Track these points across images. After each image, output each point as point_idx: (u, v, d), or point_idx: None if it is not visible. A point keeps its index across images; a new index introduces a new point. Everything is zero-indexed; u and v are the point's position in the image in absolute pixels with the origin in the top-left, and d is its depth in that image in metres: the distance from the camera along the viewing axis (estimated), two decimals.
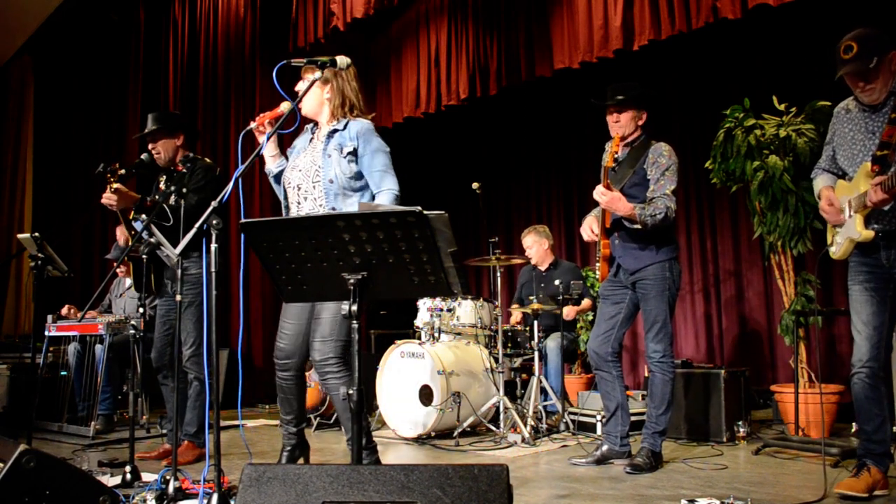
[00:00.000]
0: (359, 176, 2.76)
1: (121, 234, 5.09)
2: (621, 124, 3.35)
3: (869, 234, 2.58)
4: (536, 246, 5.28)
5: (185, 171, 3.55)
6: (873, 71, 2.55)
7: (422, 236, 1.76)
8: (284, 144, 3.10)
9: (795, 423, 3.94)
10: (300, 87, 2.85)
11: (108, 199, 3.30)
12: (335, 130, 2.80)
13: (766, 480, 3.01)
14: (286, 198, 2.90)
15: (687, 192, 6.24)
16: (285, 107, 2.68)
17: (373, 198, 2.77)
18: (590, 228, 3.43)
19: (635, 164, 3.32)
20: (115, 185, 3.26)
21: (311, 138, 2.91)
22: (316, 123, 2.94)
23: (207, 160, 3.69)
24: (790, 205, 4.16)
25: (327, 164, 2.75)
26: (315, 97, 2.82)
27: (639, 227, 3.18)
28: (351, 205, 2.74)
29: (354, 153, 2.75)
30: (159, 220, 3.29)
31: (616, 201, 3.15)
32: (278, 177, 2.93)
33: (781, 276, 4.38)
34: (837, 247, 2.73)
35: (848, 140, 2.73)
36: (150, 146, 3.61)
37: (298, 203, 2.81)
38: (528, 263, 5.33)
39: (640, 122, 3.39)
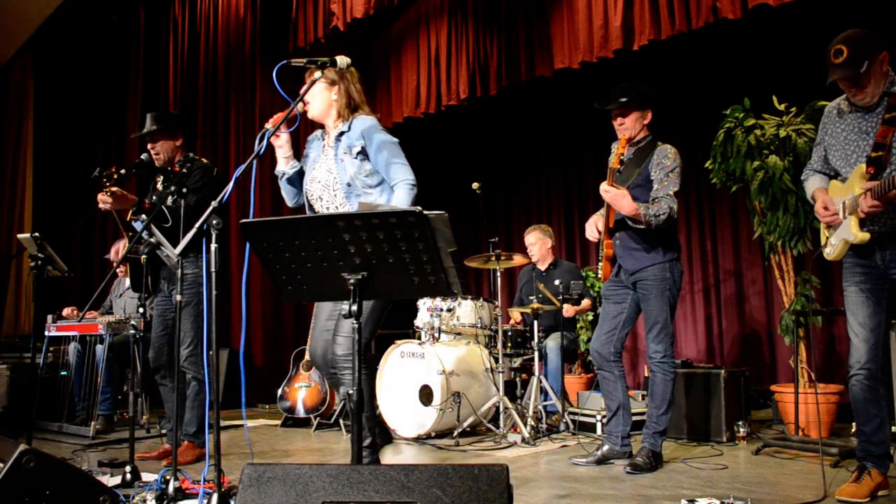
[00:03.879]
0: (374, 172, 2.77)
1: (114, 253, 5.10)
2: (626, 126, 3.33)
3: (865, 236, 2.56)
4: (539, 244, 5.28)
5: (183, 171, 3.55)
6: (864, 75, 2.52)
7: (422, 236, 1.76)
8: (300, 146, 3.09)
9: (795, 423, 3.94)
10: (311, 93, 2.83)
11: (104, 201, 3.32)
12: (342, 133, 2.82)
13: (766, 480, 3.01)
14: (311, 209, 2.90)
15: (687, 192, 6.24)
16: (300, 108, 2.71)
17: (392, 191, 2.77)
18: (594, 226, 3.42)
19: (640, 165, 3.31)
20: (113, 189, 3.26)
21: (323, 145, 2.92)
22: (324, 128, 2.94)
23: (205, 160, 3.69)
24: (790, 205, 4.16)
25: (341, 168, 2.77)
26: (323, 99, 2.82)
27: (642, 226, 3.18)
28: (372, 200, 2.73)
29: (363, 151, 2.76)
30: (158, 222, 3.29)
31: (620, 199, 3.13)
32: (291, 179, 2.92)
33: (781, 276, 4.38)
34: (832, 248, 2.71)
35: (841, 140, 2.70)
36: (149, 146, 3.61)
37: (324, 212, 2.83)
38: (528, 264, 5.33)
39: (646, 122, 3.37)
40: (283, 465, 1.73)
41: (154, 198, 3.62)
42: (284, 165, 2.89)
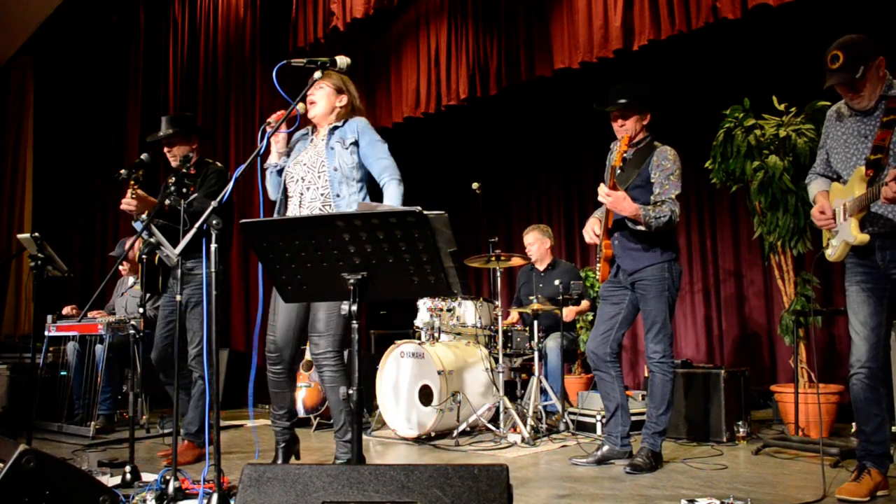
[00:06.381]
0: (360, 166, 2.99)
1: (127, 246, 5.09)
2: (626, 128, 3.34)
3: (864, 237, 2.59)
4: (538, 244, 5.29)
5: (195, 173, 3.57)
6: (860, 80, 2.56)
7: (422, 236, 1.76)
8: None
9: (795, 423, 3.94)
10: (316, 95, 3.02)
11: (129, 204, 3.32)
12: (335, 128, 3.02)
13: (766, 480, 3.01)
14: (285, 191, 3.07)
15: (687, 192, 6.19)
16: (300, 108, 2.92)
17: (374, 186, 2.97)
18: (591, 230, 3.42)
19: (640, 166, 3.31)
20: (138, 191, 3.27)
21: (311, 139, 3.10)
22: (314, 128, 3.12)
23: (219, 164, 3.75)
24: (790, 205, 4.16)
25: (331, 154, 2.96)
26: (328, 104, 3.04)
27: (642, 228, 3.18)
28: (353, 192, 2.94)
29: (355, 144, 2.98)
30: (172, 223, 3.29)
31: (621, 201, 3.13)
32: (281, 171, 3.09)
33: (781, 276, 4.38)
34: (833, 249, 2.74)
35: (841, 144, 2.74)
36: (165, 150, 3.66)
37: (301, 193, 2.99)
38: (526, 264, 5.33)
39: (645, 123, 3.38)
40: (283, 465, 1.73)
41: (169, 200, 3.63)
42: (277, 159, 3.09)
